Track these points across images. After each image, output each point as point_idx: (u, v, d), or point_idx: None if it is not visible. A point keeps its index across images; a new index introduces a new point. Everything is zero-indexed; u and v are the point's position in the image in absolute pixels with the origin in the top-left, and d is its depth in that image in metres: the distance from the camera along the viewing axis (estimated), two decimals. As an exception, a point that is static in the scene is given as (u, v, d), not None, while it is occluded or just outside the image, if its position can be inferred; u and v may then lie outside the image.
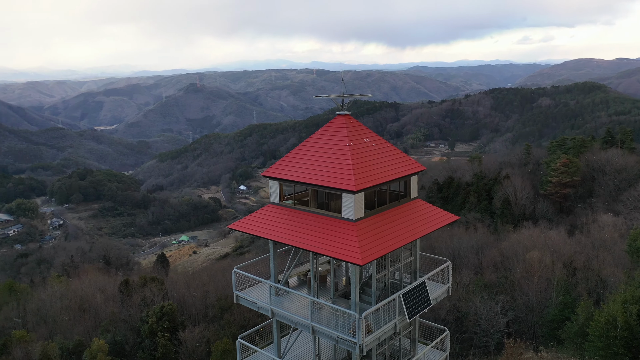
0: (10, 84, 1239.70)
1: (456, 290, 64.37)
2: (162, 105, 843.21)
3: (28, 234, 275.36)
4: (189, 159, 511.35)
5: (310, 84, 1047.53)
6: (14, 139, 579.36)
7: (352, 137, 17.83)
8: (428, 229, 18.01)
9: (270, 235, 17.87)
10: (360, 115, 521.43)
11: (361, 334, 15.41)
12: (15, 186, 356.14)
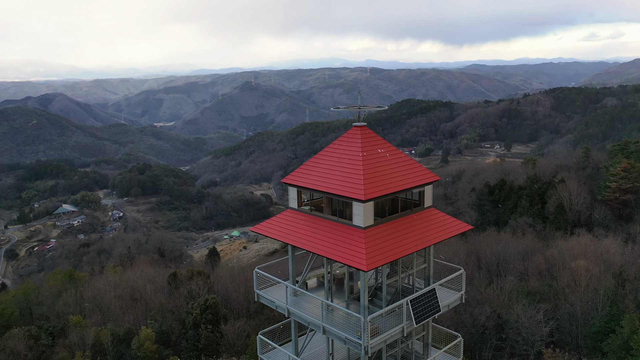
0: (79, 81, 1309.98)
1: (498, 296, 63.45)
2: (218, 102, 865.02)
3: (91, 224, 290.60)
4: (242, 155, 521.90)
5: (363, 83, 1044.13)
6: (81, 134, 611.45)
7: (366, 148, 18.60)
8: (438, 238, 18.50)
9: (287, 239, 18.97)
10: (413, 115, 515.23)
11: (366, 336, 16.22)
12: (81, 179, 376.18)
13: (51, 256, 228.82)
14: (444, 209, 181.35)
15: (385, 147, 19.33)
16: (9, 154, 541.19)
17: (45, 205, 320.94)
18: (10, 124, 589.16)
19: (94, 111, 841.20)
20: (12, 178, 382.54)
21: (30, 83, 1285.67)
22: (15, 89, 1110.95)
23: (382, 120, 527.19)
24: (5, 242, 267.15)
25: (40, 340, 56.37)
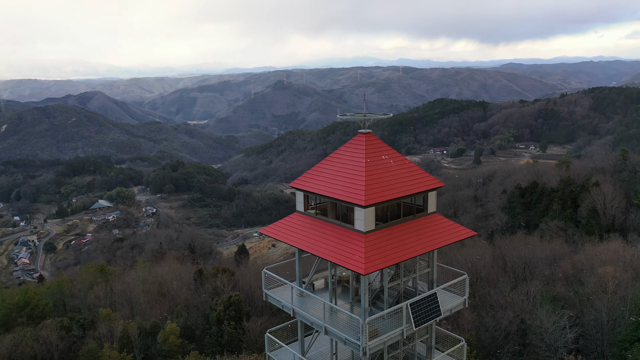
0: (117, 80, 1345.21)
1: (523, 301, 62.62)
2: (251, 101, 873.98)
3: (125, 220, 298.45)
4: (273, 154, 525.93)
5: (395, 82, 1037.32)
6: (117, 131, 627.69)
7: (369, 154, 19.05)
8: (439, 244, 18.80)
9: (292, 241, 19.61)
10: (445, 115, 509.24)
11: (364, 337, 16.71)
12: (116, 175, 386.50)
13: (87, 250, 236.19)
14: (474, 211, 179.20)
15: (390, 154, 19.72)
16: (49, 150, 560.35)
17: (82, 201, 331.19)
18: (51, 121, 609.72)
19: (131, 109, 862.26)
20: (52, 174, 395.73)
21: (70, 82, 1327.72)
22: (57, 88, 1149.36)
23: (414, 120, 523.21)
24: (45, 236, 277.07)
25: (72, 331, 58.74)
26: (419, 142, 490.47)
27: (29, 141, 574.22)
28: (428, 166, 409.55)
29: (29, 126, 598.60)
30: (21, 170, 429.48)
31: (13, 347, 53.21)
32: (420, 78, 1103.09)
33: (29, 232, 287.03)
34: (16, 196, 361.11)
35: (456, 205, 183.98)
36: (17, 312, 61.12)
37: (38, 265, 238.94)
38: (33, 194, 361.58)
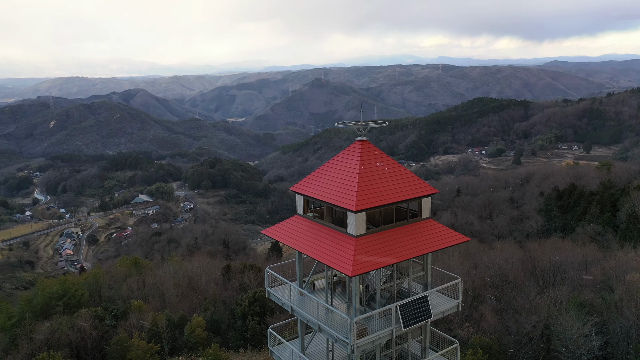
0: (159, 78, 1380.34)
1: (549, 305, 61.69)
2: (288, 99, 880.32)
3: (164, 214, 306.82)
4: (309, 152, 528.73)
5: (435, 80, 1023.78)
6: (159, 128, 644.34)
7: (364, 161, 19.84)
8: (429, 249, 19.40)
9: (290, 242, 20.65)
10: (485, 114, 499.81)
11: (353, 335, 17.57)
12: (157, 171, 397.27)
13: (127, 243, 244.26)
14: (509, 213, 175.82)
15: (385, 161, 20.46)
16: (94, 145, 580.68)
17: (123, 195, 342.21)
18: (96, 117, 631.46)
19: (171, 106, 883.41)
20: (96, 168, 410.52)
21: (115, 79, 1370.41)
22: (102, 85, 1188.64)
23: (452, 119, 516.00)
24: (88, 228, 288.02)
25: (105, 320, 61.66)
26: (457, 142, 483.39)
27: (75, 137, 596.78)
28: (466, 166, 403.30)
29: (75, 122, 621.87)
30: (67, 165, 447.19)
31: (50, 334, 56.40)
32: (460, 76, 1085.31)
33: (73, 224, 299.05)
34: (62, 189, 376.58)
35: (491, 207, 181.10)
36: (56, 301, 64.58)
37: (81, 257, 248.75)
38: (78, 188, 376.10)
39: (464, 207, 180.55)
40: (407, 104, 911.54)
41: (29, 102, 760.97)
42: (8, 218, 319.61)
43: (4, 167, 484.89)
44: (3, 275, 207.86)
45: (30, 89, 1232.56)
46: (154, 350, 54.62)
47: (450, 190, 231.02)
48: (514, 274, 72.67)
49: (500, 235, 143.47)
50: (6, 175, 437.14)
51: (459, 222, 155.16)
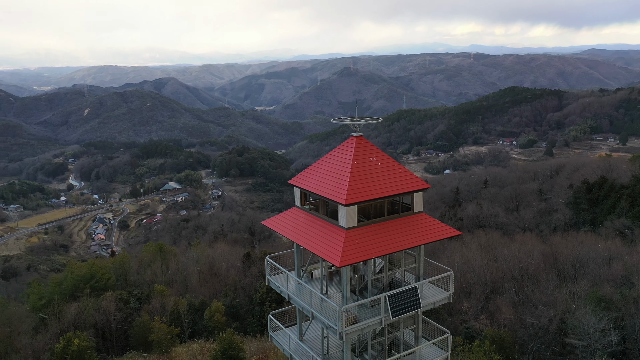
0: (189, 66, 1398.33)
1: (567, 300, 61.22)
2: (317, 88, 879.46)
3: (192, 201, 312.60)
4: (337, 141, 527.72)
5: (466, 69, 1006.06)
6: (189, 116, 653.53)
7: (357, 156, 20.49)
8: (419, 241, 19.96)
9: (287, 233, 21.54)
10: (517, 104, 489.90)
11: (341, 323, 18.42)
12: (186, 159, 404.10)
13: (156, 229, 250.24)
14: (537, 205, 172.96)
15: (379, 156, 21.08)
16: (126, 133, 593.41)
17: (154, 182, 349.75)
18: (128, 105, 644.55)
19: (201, 95, 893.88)
20: (128, 155, 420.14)
21: (147, 68, 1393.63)
22: (134, 74, 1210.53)
23: (483, 108, 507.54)
24: (119, 214, 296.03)
25: (129, 303, 64.13)
26: (487, 132, 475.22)
27: (108, 124, 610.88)
28: (495, 157, 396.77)
29: (108, 110, 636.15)
30: (101, 152, 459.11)
31: (77, 315, 59.12)
32: (493, 65, 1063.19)
33: (105, 209, 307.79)
34: (96, 176, 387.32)
35: (519, 199, 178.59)
36: (84, 284, 67.41)
37: (112, 241, 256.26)
38: (110, 174, 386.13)
39: (490, 198, 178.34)
40: (437, 93, 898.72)
41: (64, 90, 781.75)
42: (44, 203, 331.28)
43: (41, 153, 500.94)
44: (39, 257, 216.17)
45: (66, 77, 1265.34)
46: (174, 333, 56.70)
47: (477, 181, 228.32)
48: (534, 267, 72.17)
49: (526, 227, 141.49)
50: (43, 162, 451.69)
51: (484, 213, 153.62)
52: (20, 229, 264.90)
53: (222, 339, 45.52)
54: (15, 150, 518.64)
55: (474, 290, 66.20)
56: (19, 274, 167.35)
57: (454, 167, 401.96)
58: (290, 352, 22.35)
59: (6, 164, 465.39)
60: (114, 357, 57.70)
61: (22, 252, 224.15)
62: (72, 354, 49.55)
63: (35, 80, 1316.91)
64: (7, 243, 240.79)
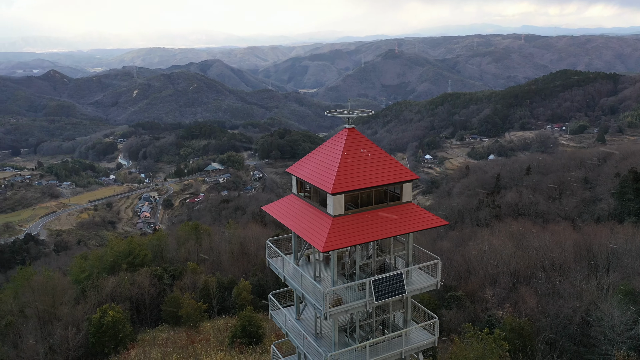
0: (234, 48, 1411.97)
1: (594, 292, 60.21)
2: (360, 70, 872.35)
3: (234, 182, 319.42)
4: (379, 124, 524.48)
5: (516, 51, 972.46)
6: (233, 98, 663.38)
7: (348, 148, 21.42)
8: (403, 230, 20.77)
9: (281, 219, 22.79)
10: (568, 88, 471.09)
11: (325, 304, 19.63)
12: (229, 140, 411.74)
13: (198, 208, 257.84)
14: (580, 194, 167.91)
15: (369, 148, 21.95)
16: (172, 114, 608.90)
17: (197, 162, 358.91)
18: (175, 87, 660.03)
19: (246, 77, 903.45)
20: (174, 136, 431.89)
21: (193, 50, 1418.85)
22: (181, 56, 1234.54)
23: (531, 92, 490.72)
24: (164, 193, 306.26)
25: (163, 279, 67.50)
26: (535, 117, 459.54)
27: (155, 105, 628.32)
28: (543, 143, 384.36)
29: (156, 91, 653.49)
30: (148, 132, 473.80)
31: (115, 288, 62.90)
32: (545, 47, 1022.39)
33: (151, 188, 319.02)
34: (143, 155, 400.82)
35: (562, 187, 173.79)
36: (122, 259, 71.30)
37: (157, 219, 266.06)
38: (157, 154, 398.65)
39: (532, 186, 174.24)
40: (484, 76, 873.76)
41: (115, 71, 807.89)
42: (94, 180, 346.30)
43: (92, 133, 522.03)
44: (88, 233, 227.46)
45: (117, 59, 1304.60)
46: (202, 309, 59.57)
47: (520, 168, 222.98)
48: (565, 257, 71.00)
49: (567, 217, 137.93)
50: (94, 141, 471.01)
51: (523, 201, 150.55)
52: (71, 205, 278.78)
53: (242, 316, 47.74)
54: (69, 130, 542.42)
55: (499, 278, 66.01)
56: (70, 248, 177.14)
57: (498, 152, 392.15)
58: (287, 330, 23.84)
59: (60, 143, 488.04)
60: (147, 329, 61.25)
61: (73, 228, 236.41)
62: (107, 324, 53.17)
63: (88, 62, 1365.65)
64: (60, 218, 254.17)
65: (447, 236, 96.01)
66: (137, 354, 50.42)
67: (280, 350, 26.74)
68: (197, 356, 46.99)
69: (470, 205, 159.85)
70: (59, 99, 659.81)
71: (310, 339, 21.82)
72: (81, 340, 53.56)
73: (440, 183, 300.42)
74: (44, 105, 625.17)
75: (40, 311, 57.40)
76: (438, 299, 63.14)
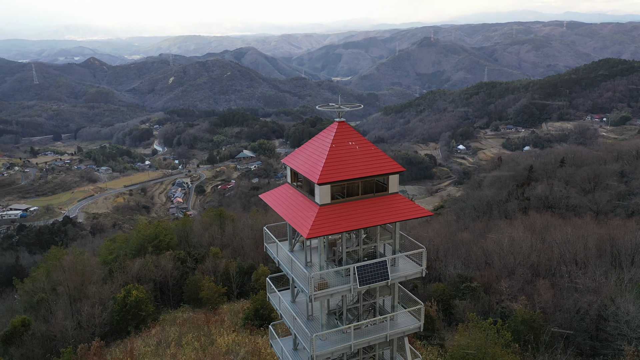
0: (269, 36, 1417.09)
1: (612, 287, 59.46)
2: (395, 59, 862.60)
3: (264, 170, 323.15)
4: (412, 114, 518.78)
5: (557, 39, 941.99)
6: (266, 86, 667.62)
7: (337, 141, 22.37)
8: (387, 220, 21.63)
9: (275, 206, 24.00)
10: (610, 77, 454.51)
11: (310, 287, 20.83)
12: (261, 128, 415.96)
13: (229, 195, 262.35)
14: (615, 188, 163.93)
15: (358, 141, 22.87)
16: (207, 101, 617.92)
17: (229, 150, 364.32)
18: (209, 74, 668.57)
19: (279, 64, 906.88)
20: (207, 123, 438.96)
21: (228, 37, 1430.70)
22: (216, 43, 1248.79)
23: (571, 82, 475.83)
24: (197, 179, 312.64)
25: (186, 263, 70.12)
26: (574, 108, 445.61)
27: (190, 92, 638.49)
28: (582, 134, 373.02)
29: (191, 79, 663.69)
30: (183, 119, 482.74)
31: (140, 269, 65.81)
32: (588, 34, 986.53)
33: (184, 174, 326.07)
34: (177, 142, 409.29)
35: (597, 180, 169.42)
36: (148, 243, 74.26)
37: (189, 205, 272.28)
38: (191, 141, 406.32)
39: (566, 178, 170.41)
40: (522, 65, 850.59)
41: (152, 59, 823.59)
42: (130, 166, 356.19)
43: (130, 119, 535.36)
44: (123, 216, 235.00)
45: (154, 47, 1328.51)
46: (221, 292, 61.77)
47: (555, 160, 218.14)
48: (586, 251, 70.09)
49: (599, 211, 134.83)
50: (131, 127, 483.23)
51: (554, 194, 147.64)
52: (108, 190, 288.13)
53: (255, 299, 49.51)
54: (107, 116, 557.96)
55: (517, 271, 65.85)
56: (105, 231, 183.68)
57: (534, 144, 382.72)
58: (280, 312, 25.21)
59: (99, 129, 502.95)
60: (169, 309, 63.98)
61: (109, 211, 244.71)
62: (130, 303, 55.96)
63: (126, 49, 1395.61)
64: (97, 202, 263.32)
65: (469, 228, 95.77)
66: (156, 332, 52.97)
67: (278, 331, 28.18)
68: (210, 335, 49.12)
69: (500, 197, 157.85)
70: (98, 85, 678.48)
71: (300, 321, 23.07)
72: (107, 317, 56.60)
73: (472, 174, 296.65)
74: (84, 92, 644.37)
75: (70, 289, 60.76)
76: (453, 289, 63.56)
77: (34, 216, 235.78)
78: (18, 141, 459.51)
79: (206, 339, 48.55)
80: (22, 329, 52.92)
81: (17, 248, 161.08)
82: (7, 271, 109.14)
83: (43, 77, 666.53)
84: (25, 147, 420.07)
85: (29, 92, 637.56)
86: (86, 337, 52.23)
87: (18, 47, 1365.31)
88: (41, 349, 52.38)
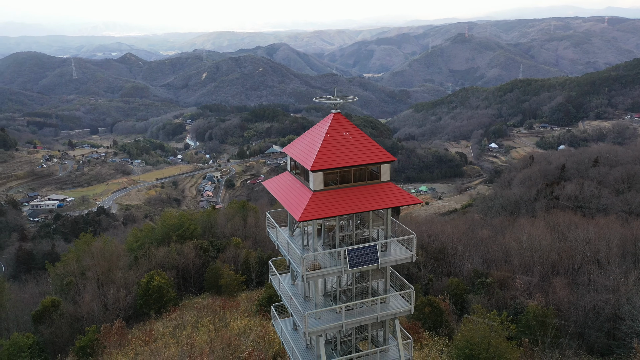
0: (301, 32, 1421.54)
1: (631, 286, 58.73)
2: (427, 55, 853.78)
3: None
4: (443, 111, 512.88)
5: (597, 35, 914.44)
6: (297, 82, 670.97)
7: (332, 131, 23.57)
8: (377, 206, 22.69)
9: (274, 192, 25.41)
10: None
11: (302, 267, 22.17)
12: (291, 124, 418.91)
13: (257, 190, 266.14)
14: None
15: (352, 131, 24.03)
16: (238, 97, 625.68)
17: (259, 145, 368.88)
18: (242, 70, 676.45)
19: (311, 61, 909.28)
20: (238, 119, 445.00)
21: (261, 33, 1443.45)
22: (249, 39, 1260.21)
23: (610, 79, 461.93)
24: (226, 173, 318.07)
25: (208, 252, 72.51)
26: (613, 106, 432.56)
27: (222, 88, 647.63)
28: (620, 134, 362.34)
29: (223, 74, 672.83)
30: (215, 114, 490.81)
31: (164, 257, 68.51)
32: (631, 30, 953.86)
33: (214, 169, 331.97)
34: (209, 137, 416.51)
35: (631, 181, 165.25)
36: (173, 232, 77.00)
37: (219, 199, 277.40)
38: (222, 136, 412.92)
39: (598, 178, 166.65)
40: (560, 61, 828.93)
41: (186, 55, 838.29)
42: (163, 159, 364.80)
43: (163, 114, 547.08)
44: (155, 208, 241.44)
45: (188, 43, 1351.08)
46: (239, 280, 63.81)
47: (588, 159, 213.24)
48: (608, 250, 69.19)
49: (632, 211, 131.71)
50: (164, 122, 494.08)
51: (584, 194, 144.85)
52: (141, 182, 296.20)
53: (269, 286, 51.20)
54: (142, 110, 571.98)
55: (534, 268, 65.64)
56: (137, 222, 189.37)
57: (570, 143, 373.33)
58: (280, 293, 26.66)
59: (134, 123, 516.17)
60: (191, 296, 66.44)
61: (141, 203, 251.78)
62: (152, 288, 58.56)
63: (161, 45, 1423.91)
64: (130, 194, 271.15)
65: (490, 225, 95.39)
66: (176, 316, 55.37)
67: (279, 312, 29.67)
68: (225, 319, 51.13)
69: (528, 195, 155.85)
70: (134, 80, 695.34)
71: (296, 301, 24.45)
72: (131, 301, 59.38)
73: (503, 172, 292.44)
74: (120, 87, 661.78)
75: (97, 274, 63.82)
76: (468, 285, 63.86)
77: (70, 206, 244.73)
78: (57, 134, 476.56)
79: (220, 322, 50.60)
80: (52, 309, 56.11)
81: (53, 236, 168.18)
82: (44, 258, 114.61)
83: (82, 72, 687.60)
84: (63, 139, 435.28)
85: (68, 87, 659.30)
86: (111, 318, 55.00)
87: (59, 42, 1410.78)
88: (69, 328, 55.48)
